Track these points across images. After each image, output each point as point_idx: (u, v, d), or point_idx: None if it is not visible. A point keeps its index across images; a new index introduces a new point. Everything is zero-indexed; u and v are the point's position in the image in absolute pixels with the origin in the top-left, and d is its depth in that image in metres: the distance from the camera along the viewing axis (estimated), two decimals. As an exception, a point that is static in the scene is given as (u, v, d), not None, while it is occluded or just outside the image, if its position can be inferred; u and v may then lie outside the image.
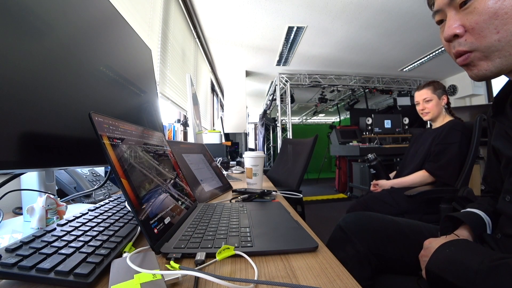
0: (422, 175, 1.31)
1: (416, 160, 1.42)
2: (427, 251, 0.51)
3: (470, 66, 0.43)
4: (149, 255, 0.33)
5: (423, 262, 0.52)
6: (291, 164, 1.81)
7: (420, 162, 1.38)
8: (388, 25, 3.09)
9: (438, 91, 1.39)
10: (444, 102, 1.39)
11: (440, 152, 1.28)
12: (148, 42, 1.07)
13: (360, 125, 4.75)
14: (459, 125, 1.29)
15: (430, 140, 1.36)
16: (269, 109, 6.57)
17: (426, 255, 0.51)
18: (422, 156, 1.38)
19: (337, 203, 3.79)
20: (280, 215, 0.56)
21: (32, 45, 0.40)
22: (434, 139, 1.33)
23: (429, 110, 1.39)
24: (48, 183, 0.55)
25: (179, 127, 2.36)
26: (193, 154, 0.96)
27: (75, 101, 0.49)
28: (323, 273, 0.31)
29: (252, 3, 2.62)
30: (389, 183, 1.40)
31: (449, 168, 1.23)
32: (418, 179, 1.32)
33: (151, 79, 0.89)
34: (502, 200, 0.51)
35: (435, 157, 1.29)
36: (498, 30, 0.37)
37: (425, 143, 1.42)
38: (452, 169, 1.23)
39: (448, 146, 1.26)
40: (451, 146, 1.25)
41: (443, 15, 0.45)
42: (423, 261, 0.52)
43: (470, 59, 0.42)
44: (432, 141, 1.34)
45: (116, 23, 0.68)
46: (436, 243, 0.50)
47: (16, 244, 0.31)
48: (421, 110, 1.43)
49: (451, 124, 1.30)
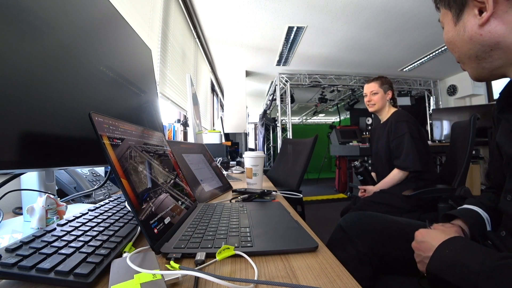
0: (397, 172, 1.39)
1: (380, 157, 1.51)
2: (423, 246, 0.50)
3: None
4: (149, 255, 0.33)
5: (417, 256, 0.52)
6: (291, 164, 1.81)
7: (385, 158, 1.47)
8: (388, 25, 3.09)
9: (385, 86, 1.53)
10: (389, 97, 1.53)
11: (397, 147, 1.38)
12: (148, 42, 1.07)
13: (360, 125, 4.75)
14: (402, 115, 1.42)
15: (385, 136, 1.46)
16: (269, 109, 6.57)
17: (421, 250, 0.50)
18: (384, 153, 1.48)
19: (337, 203, 3.79)
20: (280, 215, 0.56)
21: (32, 45, 0.40)
22: (389, 136, 1.43)
23: (375, 102, 1.53)
24: (48, 183, 0.55)
25: (179, 127, 2.36)
26: (193, 154, 0.96)
27: (75, 101, 0.49)
28: (323, 273, 0.32)
29: (252, 3, 2.62)
30: (375, 188, 1.46)
31: (409, 157, 1.32)
32: (396, 177, 1.39)
33: (151, 79, 0.89)
34: (503, 200, 0.51)
35: (396, 152, 1.39)
36: (455, 51, 0.51)
37: (381, 139, 1.52)
38: (412, 156, 1.32)
39: (400, 138, 1.37)
40: (403, 137, 1.36)
41: None
42: (417, 254, 0.51)
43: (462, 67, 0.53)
44: (388, 138, 1.44)
45: (116, 23, 0.68)
46: (430, 237, 0.50)
47: (16, 244, 0.31)
48: (368, 101, 1.57)
49: (395, 117, 1.43)
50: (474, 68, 0.49)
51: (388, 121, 1.48)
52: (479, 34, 0.44)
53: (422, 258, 0.50)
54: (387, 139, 1.45)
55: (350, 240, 0.68)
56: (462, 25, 0.47)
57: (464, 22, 0.46)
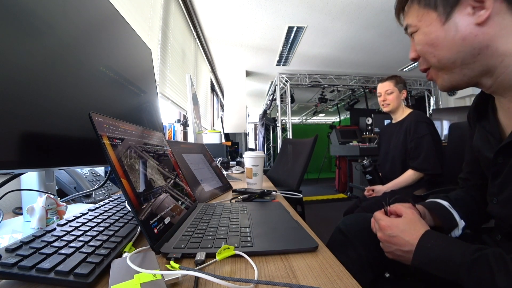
0: (412, 173, 1.35)
1: (392, 157, 1.47)
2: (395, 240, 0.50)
3: (434, 79, 0.52)
4: (149, 255, 0.33)
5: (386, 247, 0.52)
6: (291, 164, 1.81)
7: (400, 159, 1.43)
8: (388, 25, 3.09)
9: (399, 85, 1.48)
10: (403, 96, 1.48)
11: (416, 148, 1.34)
12: (148, 42, 1.07)
13: (360, 125, 4.75)
14: (422, 116, 1.37)
15: (402, 136, 1.41)
16: (269, 109, 6.57)
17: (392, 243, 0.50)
18: (398, 153, 1.43)
19: (337, 203, 3.79)
20: (280, 215, 0.56)
21: (32, 45, 0.40)
22: (407, 136, 1.39)
23: (390, 101, 1.48)
24: (48, 183, 0.55)
25: (179, 127, 2.36)
26: (193, 154, 0.96)
27: (75, 101, 0.49)
28: (323, 273, 0.32)
29: (252, 3, 2.62)
30: (385, 188, 1.42)
31: (429, 159, 1.29)
32: (410, 178, 1.35)
33: (151, 79, 0.89)
34: (490, 203, 0.53)
35: (414, 153, 1.34)
36: (434, 55, 0.47)
37: (394, 139, 1.47)
38: (432, 160, 1.28)
39: (420, 139, 1.32)
40: (424, 138, 1.32)
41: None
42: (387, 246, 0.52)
43: (430, 75, 0.52)
44: (405, 137, 1.39)
45: (116, 23, 0.68)
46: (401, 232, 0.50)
47: (16, 244, 0.31)
48: (382, 101, 1.52)
49: (415, 117, 1.38)
50: (454, 74, 0.47)
51: (405, 121, 1.43)
52: (474, 35, 0.42)
53: (393, 250, 0.50)
54: (404, 139, 1.40)
55: (350, 243, 0.67)
56: (453, 24, 0.44)
57: (455, 21, 0.44)
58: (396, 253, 0.50)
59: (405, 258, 0.49)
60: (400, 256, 0.50)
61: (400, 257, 0.50)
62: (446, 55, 0.46)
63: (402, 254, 0.49)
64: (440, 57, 0.47)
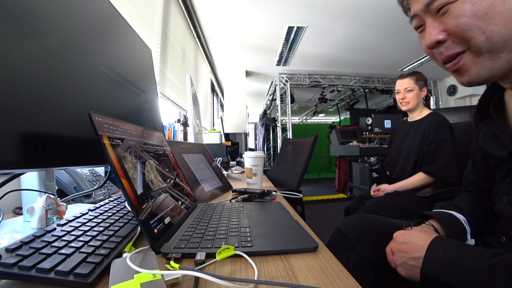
0: (424, 177, 1.28)
1: (406, 157, 1.39)
2: (406, 247, 0.48)
3: (462, 71, 0.41)
4: (149, 255, 0.33)
5: (398, 258, 0.49)
6: (291, 164, 1.81)
7: (414, 160, 1.35)
8: (388, 25, 3.09)
9: (420, 83, 1.38)
10: (424, 94, 1.39)
11: (434, 152, 1.26)
12: (148, 42, 1.07)
13: (360, 125, 4.75)
14: (444, 120, 1.28)
15: (419, 137, 1.33)
16: (269, 109, 6.57)
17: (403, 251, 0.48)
18: (413, 154, 1.35)
19: (337, 203, 3.79)
20: (280, 215, 0.56)
21: (32, 45, 0.40)
22: (424, 138, 1.31)
23: (409, 100, 1.38)
24: (48, 183, 0.55)
25: (179, 127, 2.36)
26: (193, 154, 0.96)
27: (75, 101, 0.49)
28: (323, 273, 0.31)
29: (252, 3, 2.62)
30: (392, 187, 1.36)
31: (448, 167, 1.21)
32: (421, 182, 1.29)
33: (151, 79, 0.89)
34: (500, 202, 0.51)
35: (431, 158, 1.26)
36: (483, 31, 0.36)
37: (409, 139, 1.39)
38: (451, 168, 1.21)
39: (440, 144, 1.24)
40: (443, 144, 1.23)
41: (421, 21, 0.43)
42: (399, 256, 0.49)
43: (462, 63, 0.40)
44: (422, 139, 1.32)
45: (116, 23, 0.68)
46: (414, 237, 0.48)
47: (16, 244, 0.31)
48: (401, 99, 1.42)
49: (436, 120, 1.28)
50: (498, 61, 0.37)
51: (423, 122, 1.34)
52: None
53: (405, 260, 0.48)
54: (420, 140, 1.32)
55: (351, 246, 0.65)
56: None
57: None
58: (409, 264, 0.47)
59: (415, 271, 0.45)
60: (412, 268, 0.46)
61: (413, 270, 0.46)
62: (501, 30, 0.35)
63: (414, 264, 0.46)
64: (492, 33, 0.35)
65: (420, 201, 1.21)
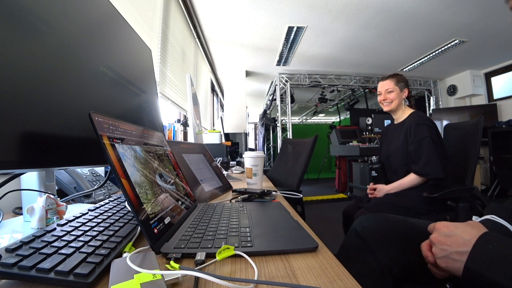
0: (415, 177, 1.31)
1: (394, 159, 1.43)
2: (451, 240, 0.44)
3: None
4: (149, 255, 0.33)
5: (440, 250, 0.45)
6: (291, 164, 1.81)
7: (402, 162, 1.39)
8: (388, 25, 3.09)
9: (401, 84, 1.44)
10: (405, 95, 1.44)
11: (417, 150, 1.30)
12: (148, 42, 1.07)
13: (360, 125, 4.75)
14: (423, 118, 1.32)
15: (402, 138, 1.37)
16: (269, 109, 6.57)
17: (447, 244, 0.44)
18: (400, 155, 1.39)
19: (337, 203, 3.79)
20: (280, 215, 0.56)
21: (32, 45, 0.40)
22: (407, 138, 1.35)
23: (390, 100, 1.44)
24: (48, 183, 0.55)
25: (179, 127, 2.36)
26: (193, 154, 0.96)
27: (75, 101, 0.49)
28: (323, 273, 0.31)
29: (252, 3, 2.62)
30: (388, 187, 1.38)
31: (431, 162, 1.25)
32: (413, 182, 1.32)
33: (151, 79, 0.89)
34: None
35: (415, 157, 1.30)
36: None
37: (395, 141, 1.43)
38: (434, 162, 1.24)
39: (421, 142, 1.28)
40: (424, 141, 1.27)
41: None
42: (441, 249, 0.45)
43: None
44: (406, 139, 1.36)
45: (116, 23, 0.68)
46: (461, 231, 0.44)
47: (16, 244, 0.31)
48: (382, 100, 1.48)
49: (415, 119, 1.33)
50: None
51: (405, 122, 1.39)
52: None
53: (448, 253, 0.44)
54: (404, 141, 1.36)
55: (369, 249, 0.60)
56: None
57: None
58: (451, 257, 0.44)
59: (458, 265, 0.42)
60: (455, 262, 0.43)
61: (455, 264, 0.43)
62: None
63: (458, 258, 0.42)
64: None
65: (422, 200, 1.23)
